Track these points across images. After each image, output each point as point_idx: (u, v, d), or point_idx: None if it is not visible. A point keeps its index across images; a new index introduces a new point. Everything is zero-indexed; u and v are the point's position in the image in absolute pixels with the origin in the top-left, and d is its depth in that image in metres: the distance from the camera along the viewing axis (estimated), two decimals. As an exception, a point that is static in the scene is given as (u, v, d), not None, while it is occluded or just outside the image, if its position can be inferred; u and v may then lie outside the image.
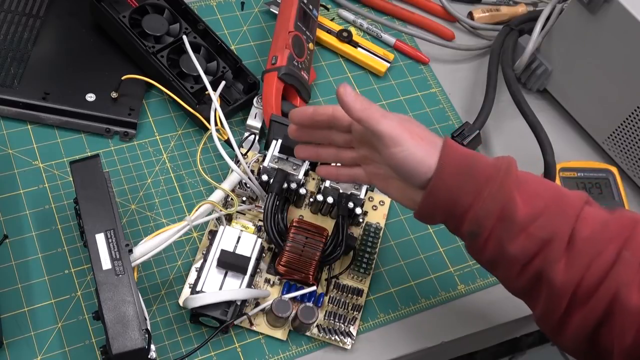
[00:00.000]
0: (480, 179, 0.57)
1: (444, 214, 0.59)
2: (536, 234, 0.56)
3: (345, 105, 0.58)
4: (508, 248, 0.57)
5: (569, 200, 0.58)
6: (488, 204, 0.57)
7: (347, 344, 0.71)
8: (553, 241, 0.56)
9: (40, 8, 0.85)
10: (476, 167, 0.57)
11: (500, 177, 0.57)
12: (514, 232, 0.57)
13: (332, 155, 0.66)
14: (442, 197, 0.58)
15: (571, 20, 0.85)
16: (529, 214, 0.56)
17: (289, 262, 0.71)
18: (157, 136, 0.81)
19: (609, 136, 0.88)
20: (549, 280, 0.56)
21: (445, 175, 0.57)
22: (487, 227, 0.57)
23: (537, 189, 0.58)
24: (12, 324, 0.67)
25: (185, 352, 0.68)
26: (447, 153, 0.58)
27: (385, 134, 0.57)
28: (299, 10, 0.86)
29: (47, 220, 0.73)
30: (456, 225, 0.59)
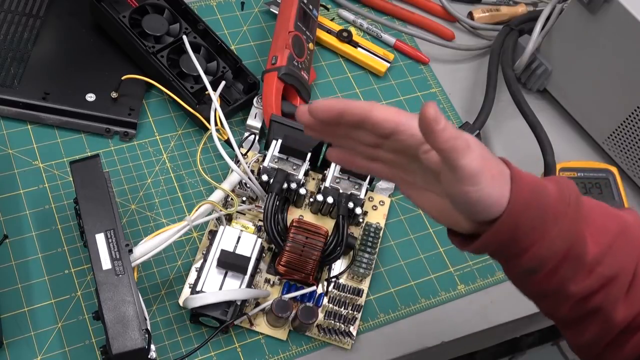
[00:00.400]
0: (549, 217, 0.51)
1: (499, 248, 0.52)
2: (603, 272, 0.52)
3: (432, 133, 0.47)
4: (570, 286, 0.52)
5: (631, 230, 0.54)
6: (556, 243, 0.51)
7: (347, 344, 0.71)
8: (617, 279, 0.52)
9: (40, 8, 0.85)
10: (545, 202, 0.51)
11: (570, 216, 0.51)
12: (581, 272, 0.52)
13: (350, 144, 0.55)
14: (505, 234, 0.51)
15: (571, 20, 0.85)
16: (598, 253, 0.52)
17: (289, 262, 0.71)
18: (157, 136, 0.81)
19: (609, 136, 0.88)
20: (607, 316, 0.53)
21: (514, 214, 0.50)
22: (550, 265, 0.52)
23: (604, 223, 0.53)
24: (12, 324, 0.67)
25: (185, 352, 0.68)
26: (518, 189, 0.50)
27: (467, 170, 0.48)
28: (299, 10, 0.86)
29: (47, 220, 0.73)
30: (510, 258, 0.53)
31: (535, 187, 0.51)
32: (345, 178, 0.76)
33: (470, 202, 0.49)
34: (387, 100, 0.90)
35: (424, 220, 0.82)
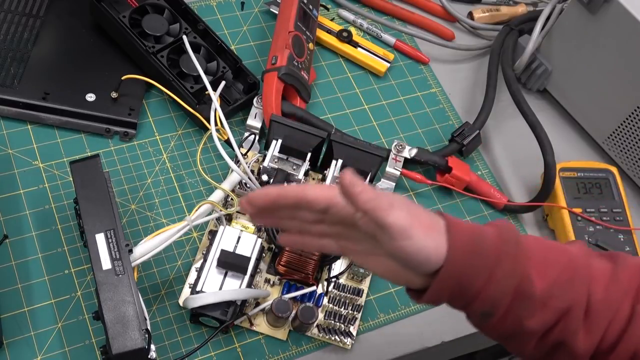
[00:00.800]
0: (491, 259, 0.53)
1: (452, 296, 0.54)
2: (555, 305, 0.53)
3: (351, 197, 0.51)
4: (527, 324, 0.54)
5: (578, 261, 0.55)
6: (502, 284, 0.53)
7: (347, 344, 0.71)
8: (572, 310, 0.53)
9: (40, 8, 0.85)
10: (483, 244, 0.53)
11: (511, 254, 0.53)
12: (533, 308, 0.53)
13: (297, 225, 0.57)
14: (452, 283, 0.53)
15: (571, 20, 0.85)
16: (546, 287, 0.53)
17: (289, 262, 0.71)
18: (157, 136, 0.81)
19: (609, 136, 0.88)
20: (570, 349, 0.54)
21: (456, 262, 0.52)
22: (503, 306, 0.53)
23: (546, 257, 0.55)
24: (12, 324, 0.67)
25: (185, 352, 0.68)
26: (454, 237, 0.53)
27: (395, 227, 0.51)
28: (299, 10, 0.86)
29: (47, 220, 0.73)
30: (464, 305, 0.55)
31: (473, 234, 0.53)
32: (345, 178, 0.75)
33: (409, 257, 0.52)
34: (387, 101, 0.90)
35: (424, 220, 0.81)
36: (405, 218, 0.51)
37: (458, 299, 0.55)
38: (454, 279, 0.53)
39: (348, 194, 0.51)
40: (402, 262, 0.53)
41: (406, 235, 0.51)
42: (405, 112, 0.90)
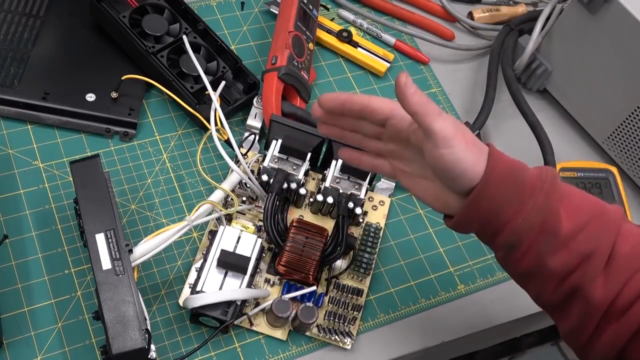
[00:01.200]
0: (525, 191, 0.55)
1: (481, 223, 0.57)
2: (578, 248, 0.55)
3: (404, 97, 0.54)
4: (548, 262, 0.55)
5: (610, 215, 0.57)
6: (531, 216, 0.55)
7: (347, 344, 0.71)
8: (594, 256, 0.55)
9: (40, 8, 0.85)
10: (521, 177, 0.56)
11: (546, 190, 0.55)
12: (556, 246, 0.55)
13: (357, 140, 0.63)
14: (484, 207, 0.56)
15: (571, 20, 0.85)
16: (572, 229, 0.55)
17: (289, 262, 0.71)
18: (157, 136, 0.81)
19: (609, 136, 0.88)
20: (586, 295, 0.55)
21: (491, 184, 0.55)
22: (528, 239, 0.56)
23: (580, 203, 0.57)
24: (12, 324, 0.67)
25: (185, 352, 0.68)
26: (495, 161, 0.55)
27: (440, 133, 0.54)
28: (299, 10, 0.86)
29: (47, 220, 0.73)
30: (492, 235, 0.57)
31: (513, 165, 0.56)
32: (345, 178, 0.76)
33: (446, 166, 0.55)
34: (387, 100, 0.90)
35: (424, 220, 0.82)
36: (450, 128, 0.54)
37: (487, 227, 0.57)
38: (486, 201, 0.55)
39: (402, 94, 0.54)
40: (440, 173, 0.56)
41: (448, 144, 0.54)
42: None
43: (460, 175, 0.55)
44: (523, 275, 0.59)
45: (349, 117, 0.61)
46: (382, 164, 0.63)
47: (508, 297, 0.78)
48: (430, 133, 0.55)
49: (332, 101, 0.60)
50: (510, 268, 0.59)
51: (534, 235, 0.55)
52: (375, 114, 0.59)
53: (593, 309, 0.55)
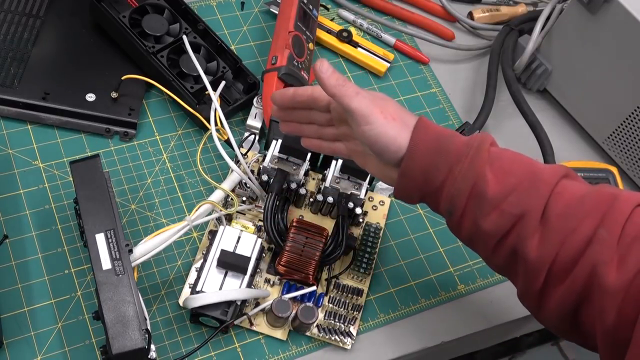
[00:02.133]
0: (452, 157, 0.58)
1: (420, 193, 0.60)
2: (508, 210, 0.56)
3: (320, 81, 0.59)
4: (481, 225, 0.58)
5: (542, 176, 0.57)
6: (459, 182, 0.58)
7: (347, 344, 0.71)
8: (525, 217, 0.56)
9: (40, 8, 0.85)
10: (448, 145, 0.58)
11: (471, 155, 0.58)
12: (486, 209, 0.57)
13: (314, 131, 0.67)
14: (416, 177, 0.59)
15: (571, 20, 0.85)
16: (501, 191, 0.57)
17: (289, 262, 0.71)
18: (157, 136, 0.81)
19: (609, 136, 0.88)
20: (523, 256, 0.56)
21: (418, 154, 0.58)
22: (460, 204, 0.58)
23: (510, 166, 0.58)
24: (12, 324, 0.67)
25: (185, 352, 0.68)
26: (419, 132, 0.59)
27: (357, 111, 0.58)
28: (299, 10, 0.86)
29: (47, 220, 0.73)
30: (435, 203, 0.61)
31: (440, 134, 0.59)
32: (345, 178, 0.76)
33: (370, 141, 0.59)
34: (387, 100, 0.90)
35: (424, 220, 0.82)
36: (367, 105, 0.58)
37: (426, 196, 0.60)
38: (416, 171, 0.59)
39: (318, 78, 0.58)
40: (368, 147, 0.60)
41: (367, 120, 0.58)
42: (405, 112, 0.90)
43: (384, 149, 0.59)
44: (466, 239, 0.61)
45: (300, 110, 0.66)
46: (339, 147, 0.66)
47: (508, 297, 0.78)
48: (349, 112, 0.59)
49: (282, 97, 0.65)
50: (456, 234, 0.62)
51: (465, 200, 0.58)
52: (318, 100, 0.63)
53: (532, 268, 0.56)
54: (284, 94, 0.65)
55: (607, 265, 0.53)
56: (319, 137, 0.67)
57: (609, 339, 0.54)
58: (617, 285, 0.52)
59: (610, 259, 0.53)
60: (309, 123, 0.67)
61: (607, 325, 0.53)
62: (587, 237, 0.54)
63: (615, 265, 0.53)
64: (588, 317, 0.55)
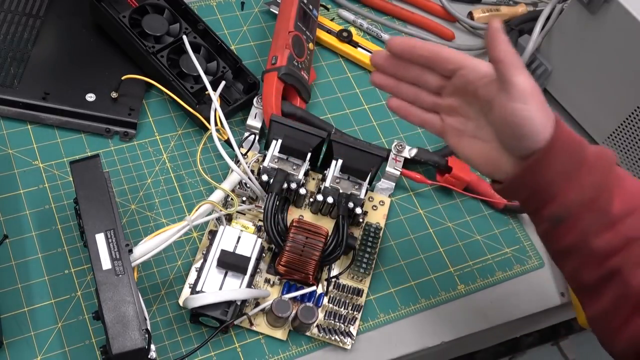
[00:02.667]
0: (584, 165, 0.55)
1: (532, 190, 0.56)
2: (624, 231, 0.54)
3: (495, 42, 0.53)
4: (592, 240, 0.55)
5: None
6: (584, 190, 0.55)
7: (347, 344, 0.71)
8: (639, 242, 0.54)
9: (40, 8, 0.85)
10: (581, 151, 0.55)
11: (604, 168, 0.55)
12: (603, 226, 0.55)
13: (413, 93, 0.62)
14: (541, 174, 0.55)
15: (571, 20, 0.85)
16: (623, 210, 0.54)
17: (289, 262, 0.71)
18: (157, 136, 0.81)
19: (609, 136, 0.88)
20: (626, 280, 0.54)
21: (553, 151, 0.54)
22: (576, 214, 0.55)
23: (634, 187, 0.56)
24: (12, 324, 0.67)
25: (185, 352, 0.68)
26: (560, 130, 0.55)
27: (520, 86, 0.53)
28: (299, 10, 0.86)
29: (47, 220, 0.73)
30: (539, 206, 0.57)
31: (576, 138, 0.56)
32: (345, 178, 0.76)
33: (517, 122, 0.54)
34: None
35: (424, 220, 0.82)
36: (530, 83, 0.54)
37: (536, 195, 0.56)
38: (544, 169, 0.55)
39: (494, 38, 0.53)
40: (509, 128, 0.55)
41: (525, 99, 0.53)
42: (405, 112, 0.90)
43: (528, 135, 0.54)
44: (564, 251, 0.58)
45: (413, 66, 0.60)
46: (432, 119, 0.62)
47: (508, 297, 0.78)
48: (509, 85, 0.53)
49: (403, 44, 0.60)
50: (552, 242, 0.58)
51: (583, 211, 0.55)
52: (447, 62, 0.59)
53: (630, 294, 0.54)
54: (407, 40, 0.60)
55: None
56: (414, 102, 0.62)
57: None
58: None
59: None
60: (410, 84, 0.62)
61: None
62: None
63: None
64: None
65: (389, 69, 0.62)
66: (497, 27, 0.53)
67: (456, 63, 0.58)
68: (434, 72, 0.60)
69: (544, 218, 0.57)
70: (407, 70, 0.61)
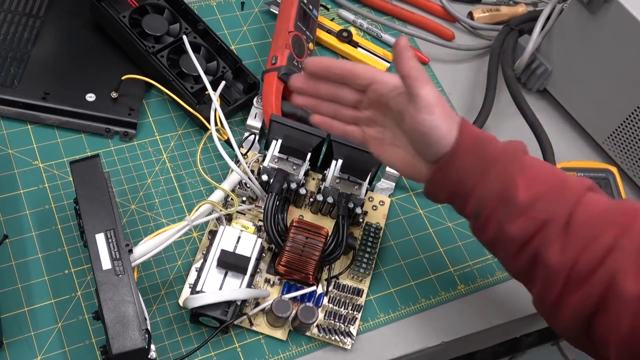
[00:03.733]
0: (488, 161, 0.59)
1: (450, 192, 0.61)
2: (535, 216, 0.58)
3: (401, 58, 0.58)
4: (507, 229, 0.59)
5: (570, 185, 0.59)
6: (492, 185, 0.59)
7: (347, 344, 0.71)
8: (550, 223, 0.57)
9: (40, 8, 0.85)
10: (486, 148, 0.60)
11: (506, 160, 0.59)
12: (514, 214, 0.58)
13: (332, 110, 0.66)
14: (451, 175, 0.60)
15: (571, 20, 0.85)
16: (530, 198, 0.58)
17: (289, 262, 0.71)
18: (157, 136, 0.81)
19: (609, 136, 0.88)
20: (545, 260, 0.57)
21: (459, 153, 0.59)
22: (489, 207, 0.59)
23: (540, 174, 0.59)
24: (12, 324, 0.67)
25: (185, 352, 0.68)
26: (464, 132, 0.60)
27: (425, 99, 0.58)
28: (299, 10, 0.86)
29: (47, 220, 0.73)
30: (461, 205, 0.61)
31: (482, 137, 0.61)
32: (345, 178, 0.76)
33: (425, 131, 0.59)
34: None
35: (424, 220, 0.82)
36: (435, 96, 0.59)
37: (456, 196, 0.61)
38: (453, 170, 0.60)
39: (400, 55, 0.58)
40: (418, 137, 0.60)
41: (430, 110, 0.59)
42: (405, 112, 0.90)
43: (436, 142, 0.59)
44: (489, 243, 0.62)
45: (330, 84, 0.65)
46: (354, 130, 0.66)
47: (508, 297, 0.78)
48: (416, 97, 0.59)
49: (318, 64, 0.64)
50: (479, 237, 0.63)
51: (494, 203, 0.59)
52: (359, 78, 0.63)
53: (552, 273, 0.57)
54: (322, 61, 0.65)
55: (626, 274, 0.54)
56: (334, 117, 0.66)
57: (623, 349, 0.54)
58: (634, 294, 0.53)
59: (630, 269, 0.54)
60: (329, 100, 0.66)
61: (622, 335, 0.54)
62: (608, 246, 0.55)
63: (633, 274, 0.54)
64: (603, 326, 0.56)
65: (309, 90, 0.66)
66: (403, 45, 0.58)
67: (368, 79, 0.63)
68: (350, 88, 0.64)
69: (468, 216, 0.62)
70: (323, 89, 0.65)
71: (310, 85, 0.66)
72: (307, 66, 0.65)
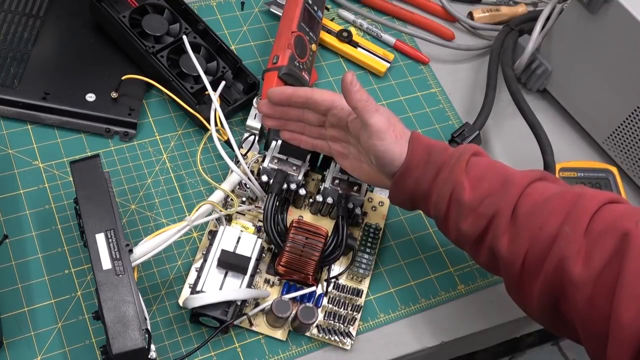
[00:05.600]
0: (437, 167, 0.64)
1: (411, 200, 0.67)
2: (483, 212, 0.62)
3: (348, 93, 0.63)
4: (462, 227, 0.63)
5: (514, 179, 0.62)
6: (442, 188, 0.64)
7: (346, 344, 0.71)
8: (496, 217, 0.61)
9: (40, 8, 0.85)
10: (436, 156, 0.64)
11: (452, 164, 0.63)
12: (464, 213, 0.63)
13: (299, 128, 0.72)
14: (408, 185, 0.65)
15: (571, 20, 0.85)
16: (476, 196, 0.62)
17: (289, 262, 0.71)
18: (157, 136, 0.81)
19: (609, 136, 0.88)
20: (498, 253, 0.61)
21: (411, 166, 0.65)
22: (443, 209, 0.64)
23: (484, 173, 0.63)
24: (12, 324, 0.67)
25: (185, 352, 0.68)
26: (414, 146, 0.65)
27: (374, 127, 0.64)
28: (303, 11, 0.86)
29: (47, 220, 0.73)
30: (425, 210, 0.67)
31: (429, 146, 0.65)
32: (344, 179, 0.76)
33: (378, 155, 0.65)
34: (387, 100, 0.90)
35: (424, 220, 0.82)
36: (384, 123, 0.64)
37: (419, 204, 0.67)
38: (408, 181, 0.65)
39: (347, 90, 0.63)
40: (374, 159, 0.66)
41: (380, 136, 0.64)
42: (405, 112, 0.90)
43: (389, 163, 0.65)
44: (454, 241, 0.67)
45: (294, 109, 0.70)
46: (321, 144, 0.72)
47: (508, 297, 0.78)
48: (366, 126, 0.64)
49: (280, 95, 0.69)
50: (446, 236, 0.68)
51: (446, 205, 0.64)
52: (318, 104, 0.68)
53: (508, 264, 0.61)
54: (283, 91, 0.69)
55: (573, 259, 0.56)
56: (302, 133, 0.72)
57: (585, 330, 0.57)
58: (583, 277, 0.55)
59: (575, 254, 0.56)
60: (296, 120, 0.71)
61: (581, 317, 0.56)
62: (553, 233, 0.58)
63: (581, 259, 0.56)
64: (567, 311, 0.58)
65: (275, 115, 0.71)
66: (349, 81, 0.63)
67: (326, 105, 0.68)
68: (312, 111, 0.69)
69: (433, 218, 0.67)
70: (289, 113, 0.70)
71: (276, 110, 0.71)
72: (270, 98, 0.70)
